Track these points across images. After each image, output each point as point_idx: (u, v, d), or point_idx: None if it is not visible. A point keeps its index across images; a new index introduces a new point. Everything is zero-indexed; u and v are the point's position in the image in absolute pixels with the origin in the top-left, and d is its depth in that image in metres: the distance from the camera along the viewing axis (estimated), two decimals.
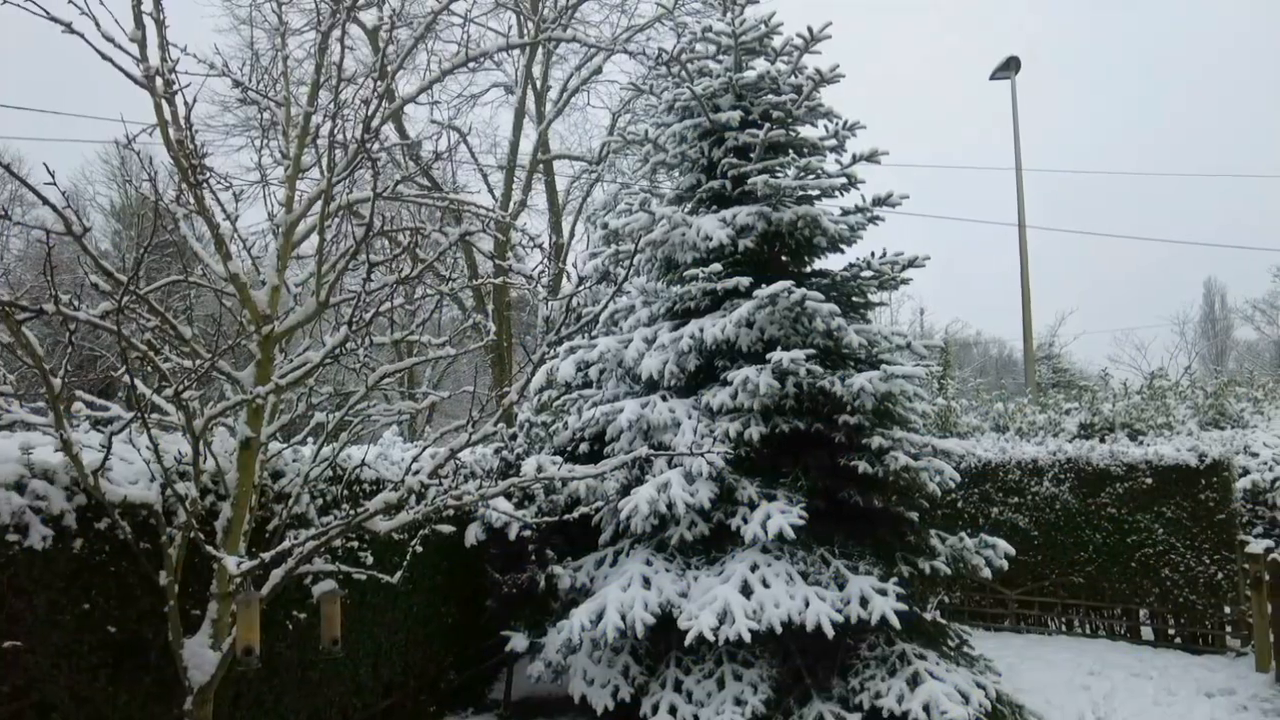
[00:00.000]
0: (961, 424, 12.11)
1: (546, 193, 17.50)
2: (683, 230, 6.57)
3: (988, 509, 9.64)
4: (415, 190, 8.13)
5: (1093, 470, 9.21)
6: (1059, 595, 9.37)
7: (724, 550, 6.31)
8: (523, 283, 5.47)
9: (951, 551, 6.41)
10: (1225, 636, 8.78)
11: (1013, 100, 17.56)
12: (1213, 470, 8.77)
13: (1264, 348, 42.10)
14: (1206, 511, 8.76)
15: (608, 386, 7.44)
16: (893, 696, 5.68)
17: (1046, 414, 12.09)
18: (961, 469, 9.60)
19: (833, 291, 6.79)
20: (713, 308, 6.68)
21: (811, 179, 6.57)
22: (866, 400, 5.83)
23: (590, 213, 11.54)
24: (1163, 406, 12.49)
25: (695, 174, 7.17)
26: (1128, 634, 9.23)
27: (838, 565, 5.98)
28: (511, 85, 16.12)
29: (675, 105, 6.94)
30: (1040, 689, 7.45)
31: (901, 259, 6.58)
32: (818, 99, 6.71)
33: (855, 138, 6.81)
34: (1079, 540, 9.24)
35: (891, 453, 5.91)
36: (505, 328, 14.27)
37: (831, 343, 6.18)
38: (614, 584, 6.11)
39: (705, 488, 5.99)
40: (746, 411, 6.26)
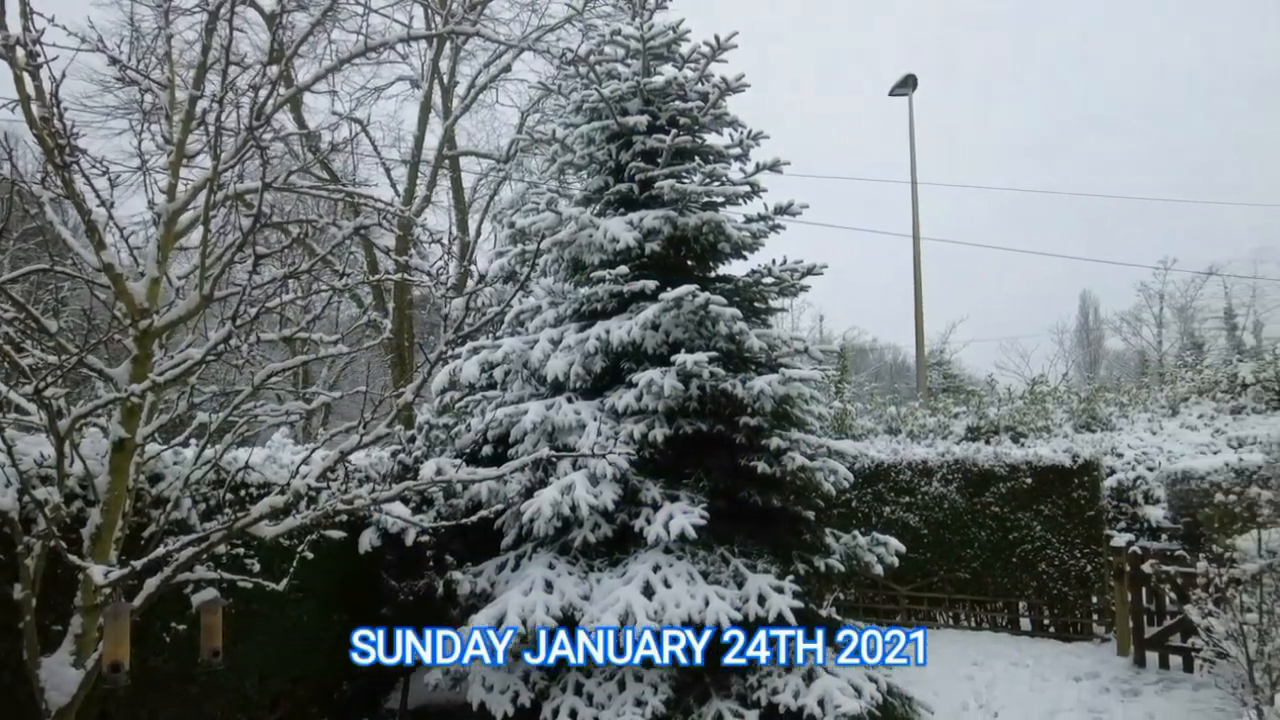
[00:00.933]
0: (857, 426, 12.57)
1: (452, 190, 17.18)
2: (590, 232, 6.56)
3: (881, 508, 10.02)
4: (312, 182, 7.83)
5: (978, 471, 9.71)
6: (947, 591, 9.81)
7: (627, 552, 6.32)
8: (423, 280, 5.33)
9: (846, 549, 6.61)
10: (1093, 625, 9.39)
11: (909, 116, 18.35)
12: (1084, 470, 9.37)
13: (1130, 357, 45.37)
14: (1078, 509, 9.36)
15: (513, 388, 7.34)
16: (789, 692, 5.81)
17: (936, 417, 12.68)
18: (855, 469, 9.93)
19: (736, 296, 6.91)
20: (619, 310, 6.70)
21: (717, 186, 6.67)
22: (766, 402, 5.96)
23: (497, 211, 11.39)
24: (1042, 411, 13.31)
25: (603, 176, 7.17)
26: (1008, 626, 9.76)
27: (737, 564, 6.08)
28: (418, 79, 15.76)
29: (583, 107, 6.93)
30: (928, 680, 7.78)
31: (801, 266, 6.76)
32: (723, 107, 6.83)
33: (759, 147, 6.96)
34: (965, 538, 9.71)
35: (789, 453, 6.06)
36: (406, 327, 13.92)
37: (734, 346, 6.29)
38: (515, 588, 6.04)
39: (609, 489, 5.99)
40: (651, 413, 6.30)
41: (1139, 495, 11.38)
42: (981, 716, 7.12)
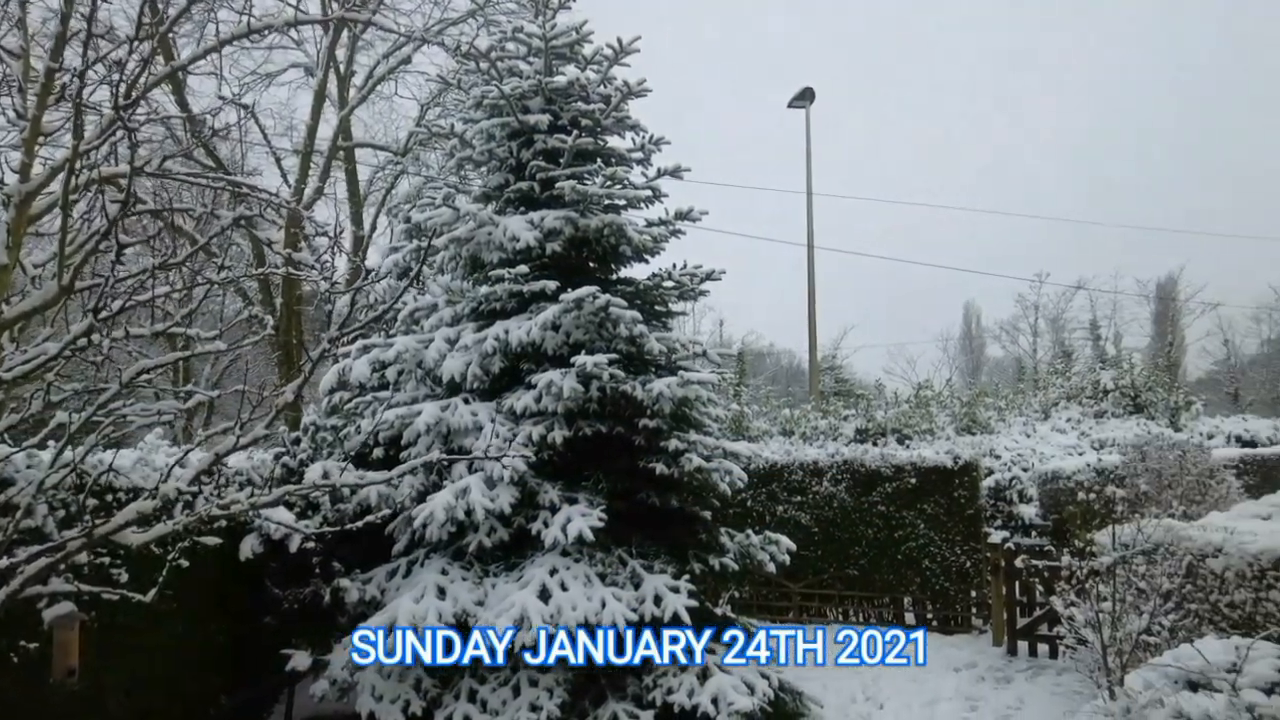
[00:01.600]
0: (753, 428, 12.84)
1: (347, 182, 16.60)
2: (489, 229, 6.45)
3: (774, 507, 10.26)
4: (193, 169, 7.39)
5: (866, 471, 10.08)
6: (837, 587, 10.14)
7: (524, 555, 6.24)
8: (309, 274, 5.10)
9: (740, 548, 6.73)
10: (972, 618, 9.91)
11: (806, 128, 18.92)
12: (965, 471, 9.88)
13: (1009, 364, 48.20)
14: (959, 508, 9.85)
15: (406, 388, 7.14)
16: (684, 691, 5.86)
17: (828, 419, 13.10)
18: (751, 470, 10.14)
19: (637, 299, 6.94)
20: (519, 310, 6.61)
21: (618, 189, 6.68)
22: (665, 404, 6.01)
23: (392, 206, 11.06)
24: (927, 414, 13.95)
25: (503, 173, 7.07)
26: (894, 620, 10.16)
27: (634, 565, 6.10)
28: (312, 67, 15.13)
29: (484, 102, 6.81)
30: (819, 675, 8.02)
31: (701, 271, 6.85)
32: (625, 110, 6.85)
33: (660, 152, 7.02)
34: (854, 536, 10.06)
35: (687, 454, 6.12)
36: (294, 323, 13.33)
37: (634, 348, 6.31)
38: (406, 595, 5.87)
39: (506, 493, 5.90)
40: (550, 415, 6.25)
41: (1015, 494, 12.09)
42: (868, 708, 7.38)
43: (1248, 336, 43.65)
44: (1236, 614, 5.59)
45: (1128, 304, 43.96)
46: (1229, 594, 5.66)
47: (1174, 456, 9.09)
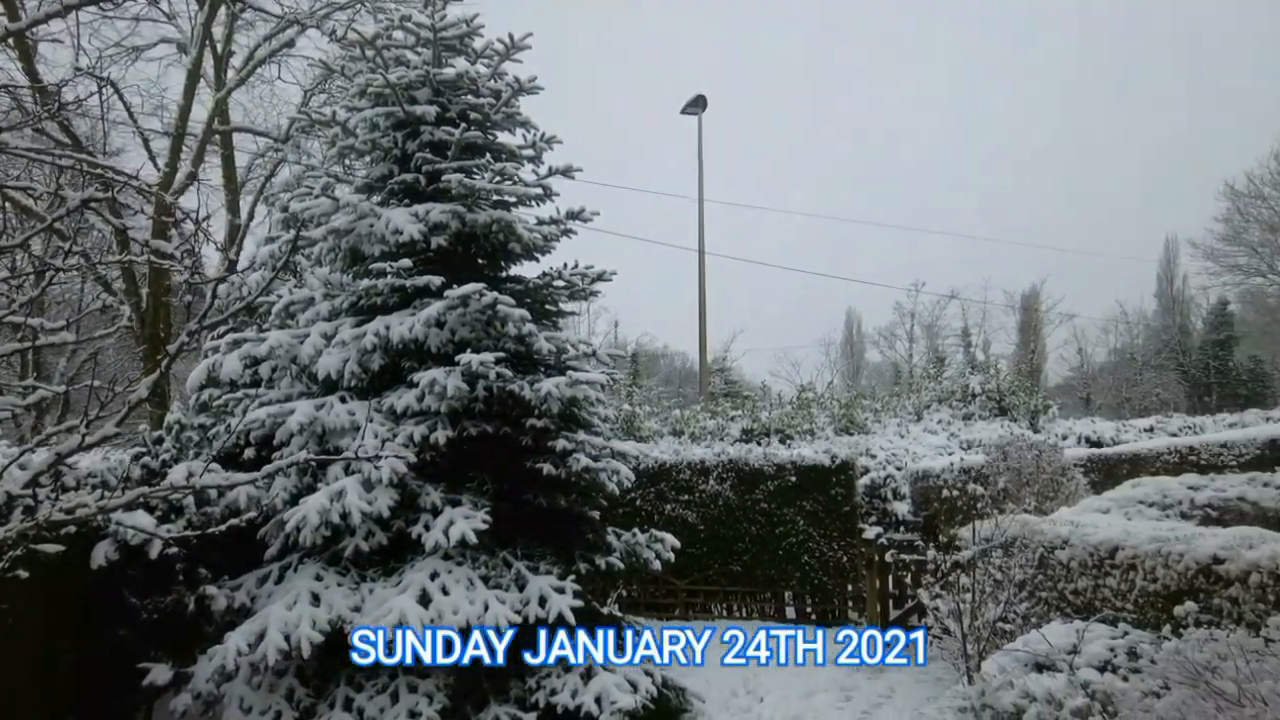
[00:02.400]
0: (645, 428, 12.98)
1: (224, 168, 15.67)
2: (371, 221, 6.24)
3: (663, 506, 10.39)
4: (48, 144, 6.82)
5: (750, 470, 10.34)
6: (721, 583, 10.36)
7: (404, 560, 6.08)
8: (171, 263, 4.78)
9: (626, 547, 6.78)
10: (849, 611, 10.32)
11: (699, 135, 19.25)
12: (842, 470, 10.28)
13: (886, 368, 50.53)
14: (836, 505, 10.24)
15: (281, 386, 6.82)
16: (567, 692, 5.85)
17: (716, 420, 13.37)
18: (640, 469, 10.24)
19: (526, 298, 6.87)
20: (401, 305, 6.42)
21: (508, 184, 6.60)
22: (554, 405, 5.97)
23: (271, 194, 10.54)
24: (808, 415, 14.45)
25: (388, 164, 6.86)
26: (775, 615, 10.46)
27: (519, 567, 6.04)
28: (185, 44, 14.20)
29: (369, 91, 6.58)
30: (702, 670, 8.16)
31: (592, 272, 6.85)
32: (516, 106, 6.78)
33: (552, 151, 6.97)
34: (738, 533, 10.31)
35: (575, 455, 6.11)
36: (162, 316, 12.50)
37: (523, 348, 6.25)
38: (279, 602, 5.61)
39: (385, 495, 5.72)
40: (433, 415, 6.10)
41: (889, 492, 12.67)
42: (749, 701, 7.56)
43: (1098, 346, 47.52)
44: (1079, 600, 6.06)
45: (996, 313, 46.99)
46: (1073, 582, 6.12)
47: (1031, 456, 9.76)
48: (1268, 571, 4.45)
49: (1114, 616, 5.52)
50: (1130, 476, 9.20)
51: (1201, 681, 3.37)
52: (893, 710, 7.03)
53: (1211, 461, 12.62)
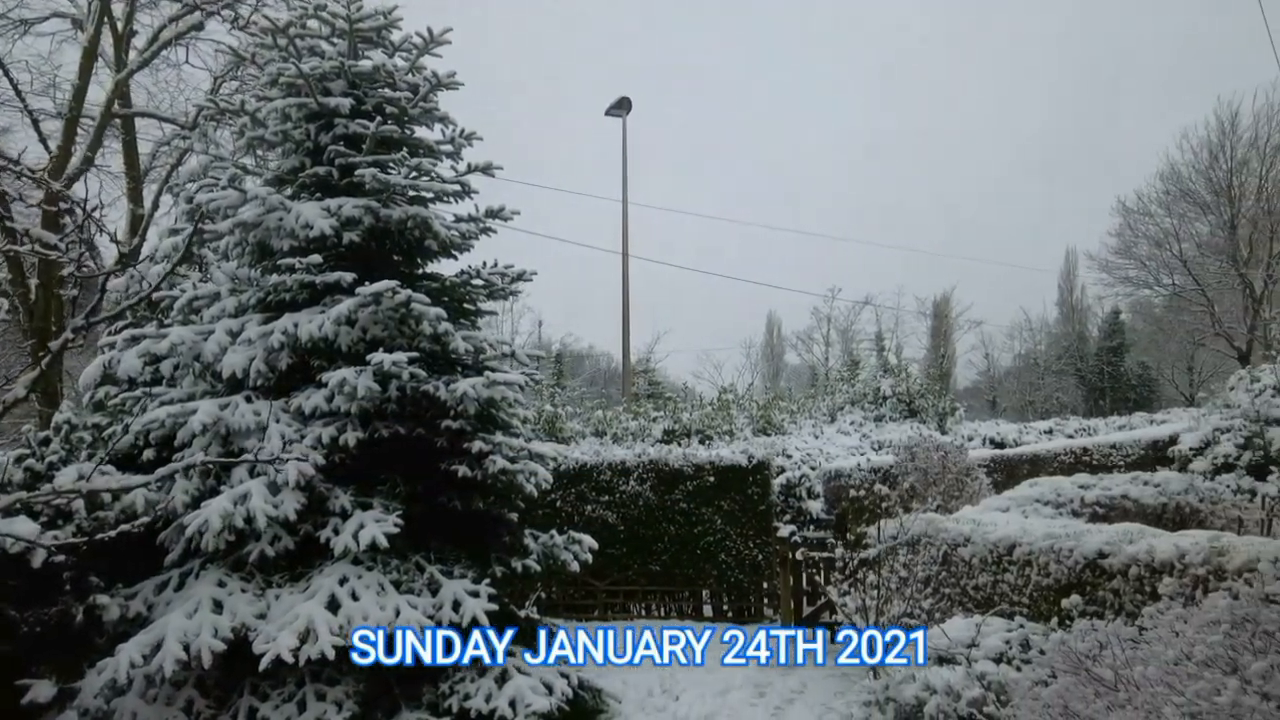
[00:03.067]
0: (566, 429, 12.94)
1: (125, 154, 14.86)
2: (281, 215, 6.03)
3: (583, 507, 10.38)
4: None
5: (669, 470, 10.43)
6: (641, 583, 10.41)
7: (313, 565, 5.91)
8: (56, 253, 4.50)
9: (544, 549, 6.75)
10: (764, 607, 10.51)
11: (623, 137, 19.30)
12: (758, 469, 10.47)
13: (804, 370, 51.73)
14: (752, 504, 10.42)
15: (183, 384, 6.53)
16: (481, 696, 5.80)
17: (638, 421, 13.44)
18: (560, 470, 10.21)
19: (443, 296, 6.77)
20: (311, 302, 6.23)
21: (425, 180, 6.48)
22: (470, 405, 5.90)
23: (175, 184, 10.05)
24: (728, 416, 14.67)
25: (299, 157, 6.64)
26: (693, 613, 10.57)
27: (433, 571, 5.95)
28: (82, 19, 13.43)
29: (280, 80, 6.36)
30: (619, 671, 8.18)
31: (511, 271, 6.80)
32: (434, 101, 6.66)
33: (472, 147, 6.88)
34: (657, 533, 10.38)
35: (491, 456, 6.04)
36: (54, 309, 11.78)
37: (439, 347, 6.14)
38: (177, 610, 5.37)
39: (292, 498, 5.55)
40: (344, 415, 5.95)
41: (804, 491, 12.97)
42: (665, 700, 7.62)
43: (1004, 351, 49.74)
44: (980, 595, 6.34)
45: (908, 319, 48.67)
46: (975, 578, 6.39)
47: (938, 457, 10.16)
48: (1144, 565, 4.75)
49: (1010, 610, 5.80)
50: (1030, 476, 9.69)
51: (1083, 669, 3.57)
52: (804, 706, 7.20)
53: (1102, 462, 13.40)
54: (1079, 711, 3.54)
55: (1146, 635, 3.85)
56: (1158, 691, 3.16)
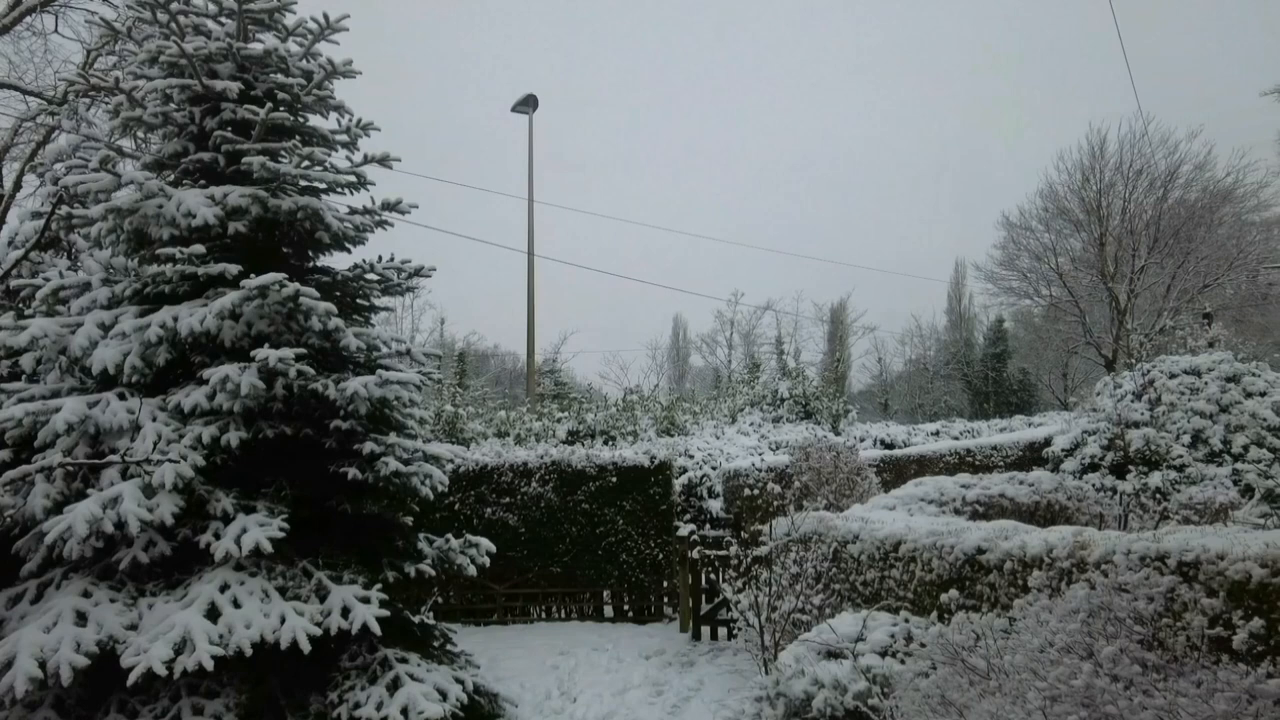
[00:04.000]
0: (468, 430, 12.72)
1: None
2: (160, 201, 5.69)
3: (483, 510, 10.23)
4: None
5: (572, 471, 10.41)
6: (541, 586, 10.35)
7: (190, 571, 5.59)
8: None
9: (439, 553, 6.60)
10: (664, 607, 10.62)
11: (529, 133, 19.14)
12: (660, 470, 10.57)
13: (708, 373, 52.55)
14: (654, 504, 10.52)
15: (47, 380, 6.07)
16: (372, 704, 5.62)
17: (542, 422, 13.34)
18: (460, 472, 10.04)
19: (335, 291, 6.53)
20: (193, 294, 5.90)
21: (318, 170, 6.23)
22: (361, 405, 5.70)
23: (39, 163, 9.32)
24: (632, 417, 14.74)
25: (182, 141, 6.28)
26: (594, 614, 10.58)
27: (320, 576, 5.73)
28: None
29: (161, 58, 5.98)
30: (517, 674, 8.11)
31: (409, 266, 6.62)
32: (329, 89, 6.41)
33: (369, 138, 6.67)
34: (559, 534, 10.34)
35: (384, 458, 5.86)
36: None
37: (329, 344, 5.92)
38: (33, 624, 4.98)
39: (169, 501, 5.23)
40: (226, 414, 5.65)
41: (704, 490, 13.18)
42: (562, 702, 7.59)
43: (896, 356, 51.92)
44: (868, 590, 6.57)
45: (806, 324, 50.13)
46: (863, 574, 6.63)
47: (830, 457, 10.49)
48: (1017, 559, 5.02)
49: (896, 605, 6.03)
50: (918, 475, 10.12)
51: (959, 660, 3.75)
52: (700, 703, 7.30)
53: (984, 462, 14.15)
54: (955, 700, 3.72)
55: (1017, 626, 4.08)
56: (1023, 678, 3.36)
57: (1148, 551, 3.82)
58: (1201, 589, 3.49)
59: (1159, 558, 3.75)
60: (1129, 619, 3.40)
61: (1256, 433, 9.58)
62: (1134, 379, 11.04)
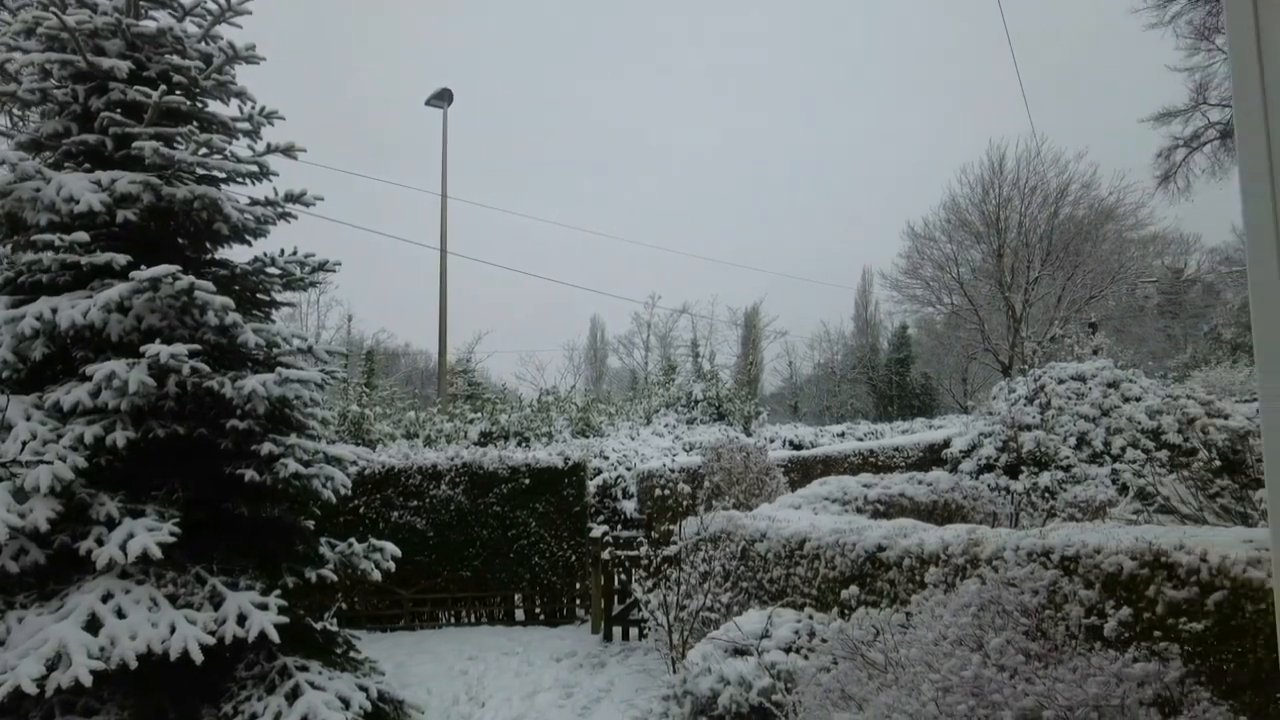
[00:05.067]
0: (375, 431, 12.37)
1: None
2: (38, 184, 5.31)
3: (389, 513, 9.97)
4: None
5: (484, 473, 10.26)
6: (450, 590, 10.15)
7: (69, 581, 5.25)
8: None
9: (341, 558, 6.40)
10: (576, 608, 10.58)
11: (443, 128, 18.78)
12: (574, 471, 10.54)
13: (625, 374, 52.77)
14: (568, 505, 10.48)
15: None
16: (269, 714, 5.41)
17: (453, 423, 13.10)
18: (366, 474, 9.76)
19: (235, 285, 6.24)
20: (76, 285, 5.53)
21: (217, 158, 5.94)
22: (260, 404, 5.47)
23: None
24: (547, 418, 14.65)
25: (64, 121, 5.88)
26: (505, 618, 10.45)
27: (215, 583, 5.46)
28: None
29: (39, 30, 5.59)
30: (424, 680, 7.93)
31: (312, 260, 6.39)
32: (230, 74, 6.12)
33: (273, 126, 6.39)
34: (469, 537, 10.17)
35: (283, 460, 5.64)
36: None
37: (226, 340, 5.66)
38: None
39: (44, 506, 4.89)
40: (113, 413, 5.33)
41: (619, 491, 13.20)
42: (470, 707, 7.46)
43: (805, 360, 53.30)
44: (775, 588, 6.71)
45: (721, 327, 50.96)
46: (770, 571, 6.77)
47: (741, 457, 10.68)
48: (915, 556, 5.22)
49: (801, 602, 6.19)
50: (824, 475, 10.41)
51: (858, 655, 3.87)
52: (610, 704, 7.30)
53: (886, 463, 14.67)
54: (854, 694, 3.83)
55: (914, 620, 4.24)
56: (918, 670, 3.49)
57: (1034, 547, 4.03)
58: (1080, 581, 3.71)
59: (1044, 553, 3.97)
60: (1016, 611, 3.58)
61: (1133, 435, 10.24)
62: (1027, 384, 11.65)
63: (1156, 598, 3.42)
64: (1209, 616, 3.26)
